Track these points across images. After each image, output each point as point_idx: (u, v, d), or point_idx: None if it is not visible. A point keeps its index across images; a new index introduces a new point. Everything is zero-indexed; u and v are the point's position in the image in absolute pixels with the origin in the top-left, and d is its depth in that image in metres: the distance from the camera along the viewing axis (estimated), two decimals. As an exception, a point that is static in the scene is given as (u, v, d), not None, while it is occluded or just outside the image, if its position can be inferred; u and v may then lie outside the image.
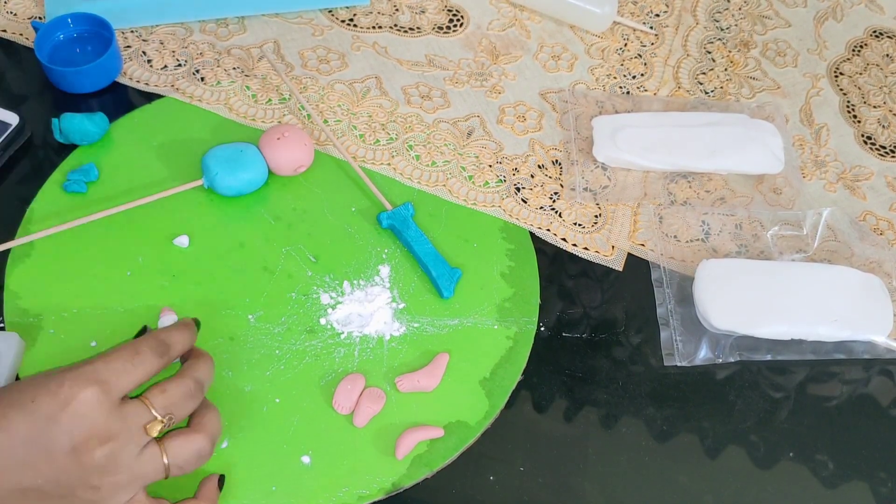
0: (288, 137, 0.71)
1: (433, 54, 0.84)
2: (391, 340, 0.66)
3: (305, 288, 0.68)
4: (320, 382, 0.64)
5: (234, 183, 0.70)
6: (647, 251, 0.74)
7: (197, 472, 0.55)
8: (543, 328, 0.69)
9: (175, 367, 0.57)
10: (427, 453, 0.62)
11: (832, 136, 0.83)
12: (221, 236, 0.70)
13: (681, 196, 0.76)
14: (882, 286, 0.70)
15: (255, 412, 0.62)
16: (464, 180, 0.76)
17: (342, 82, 0.81)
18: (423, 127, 0.79)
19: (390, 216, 0.71)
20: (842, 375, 0.69)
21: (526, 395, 0.66)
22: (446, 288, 0.68)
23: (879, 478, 0.65)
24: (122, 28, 0.82)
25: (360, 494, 0.60)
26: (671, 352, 0.68)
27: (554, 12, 0.86)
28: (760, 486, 0.63)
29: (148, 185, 0.72)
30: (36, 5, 0.83)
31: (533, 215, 0.74)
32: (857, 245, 0.74)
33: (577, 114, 0.81)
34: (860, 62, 0.89)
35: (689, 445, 0.65)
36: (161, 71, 0.79)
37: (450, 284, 0.68)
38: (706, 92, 0.84)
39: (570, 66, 0.85)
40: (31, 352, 0.63)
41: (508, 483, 0.62)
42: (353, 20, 0.85)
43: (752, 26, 0.90)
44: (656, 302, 0.71)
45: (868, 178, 0.80)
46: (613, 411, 0.66)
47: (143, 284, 0.67)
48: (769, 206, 0.76)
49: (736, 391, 0.67)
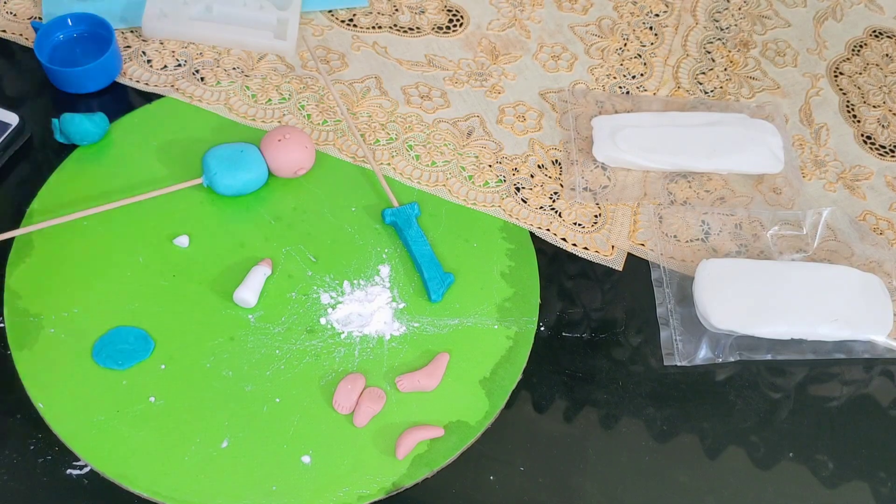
0: (289, 139, 0.71)
1: (433, 54, 0.84)
2: (391, 340, 0.66)
3: (305, 288, 0.68)
4: (320, 382, 0.64)
5: (233, 183, 0.70)
6: (646, 251, 0.74)
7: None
8: (543, 328, 0.69)
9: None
10: (427, 453, 0.62)
11: (832, 135, 0.83)
12: (221, 236, 0.70)
13: (681, 196, 0.76)
14: (882, 286, 0.70)
15: (256, 412, 0.62)
16: (464, 180, 0.76)
17: (342, 82, 0.81)
18: (422, 127, 0.79)
19: (395, 213, 0.71)
20: (842, 375, 0.69)
21: (526, 395, 0.66)
22: (435, 292, 0.68)
23: (879, 477, 0.65)
24: (121, 28, 0.82)
25: (360, 494, 0.60)
26: (671, 352, 0.68)
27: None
28: (760, 485, 0.63)
29: (148, 185, 0.72)
30: (36, 6, 0.83)
31: (533, 215, 0.74)
32: (857, 245, 0.74)
33: (577, 114, 0.81)
34: (860, 62, 0.89)
35: (689, 445, 0.65)
36: (161, 71, 0.79)
37: (439, 289, 0.68)
38: (706, 92, 0.84)
39: (569, 65, 0.85)
40: (31, 352, 0.63)
41: (508, 483, 0.62)
42: (352, 20, 0.85)
43: (751, 26, 0.90)
44: (656, 302, 0.71)
45: (868, 178, 0.80)
46: (613, 411, 0.66)
47: (143, 284, 0.67)
48: (769, 205, 0.76)
49: (736, 391, 0.67)
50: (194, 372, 0.63)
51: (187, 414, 0.62)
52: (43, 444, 0.60)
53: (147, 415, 0.61)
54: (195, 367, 0.64)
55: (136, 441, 0.60)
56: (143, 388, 0.62)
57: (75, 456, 0.60)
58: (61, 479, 0.59)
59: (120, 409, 0.61)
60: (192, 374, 0.63)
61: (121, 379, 0.63)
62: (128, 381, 0.62)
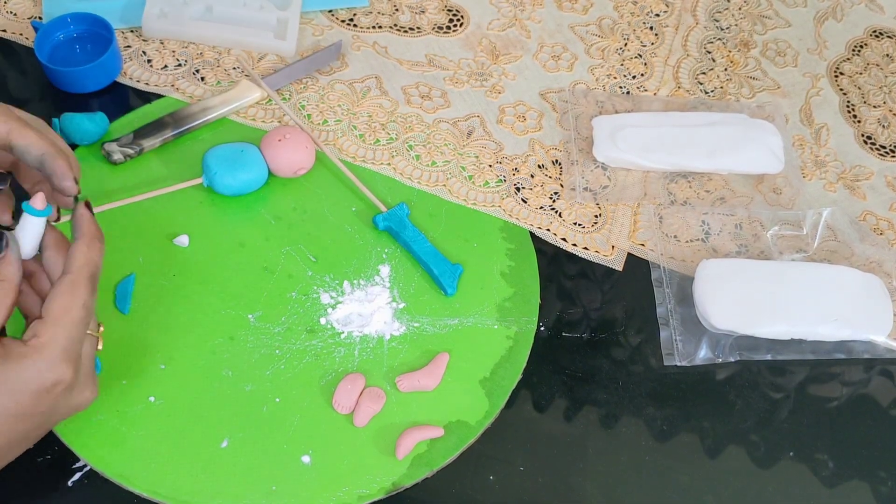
0: (289, 139, 0.71)
1: (433, 54, 0.84)
2: (391, 340, 0.66)
3: (305, 288, 0.68)
4: (320, 382, 0.64)
5: (233, 182, 0.70)
6: (647, 251, 0.74)
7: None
8: (543, 328, 0.69)
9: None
10: (427, 453, 0.62)
11: (832, 135, 0.83)
12: (221, 236, 0.70)
13: (681, 196, 0.76)
14: (882, 286, 0.70)
15: (255, 412, 0.62)
16: (464, 180, 0.76)
17: (342, 82, 0.81)
18: (423, 127, 0.79)
19: (386, 217, 0.71)
20: (842, 375, 0.69)
21: (526, 395, 0.66)
22: (450, 285, 0.68)
23: (879, 477, 0.65)
24: (121, 28, 0.82)
25: (360, 494, 0.60)
26: (671, 351, 0.68)
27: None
28: (761, 485, 0.63)
29: (148, 185, 0.72)
30: (36, 5, 0.83)
31: (533, 215, 0.74)
32: (857, 245, 0.74)
33: (577, 114, 0.81)
34: (860, 62, 0.89)
35: (689, 445, 0.65)
36: (161, 71, 0.79)
37: (453, 280, 0.68)
38: (706, 92, 0.84)
39: (570, 65, 0.85)
40: (32, 351, 0.63)
41: (508, 483, 0.62)
42: (353, 20, 0.85)
43: (752, 26, 0.90)
44: (656, 302, 0.71)
45: (868, 178, 0.80)
46: (613, 411, 0.66)
47: (142, 284, 0.67)
48: (769, 205, 0.76)
49: (736, 391, 0.67)
50: (194, 372, 0.63)
51: (187, 414, 0.62)
52: (42, 444, 0.60)
53: (147, 415, 0.61)
54: (195, 366, 0.64)
55: (136, 441, 0.60)
56: (142, 388, 0.62)
57: (75, 456, 0.60)
58: (61, 479, 0.59)
59: (120, 408, 0.61)
60: (192, 374, 0.63)
61: (120, 378, 0.63)
62: (127, 381, 0.62)
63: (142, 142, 0.73)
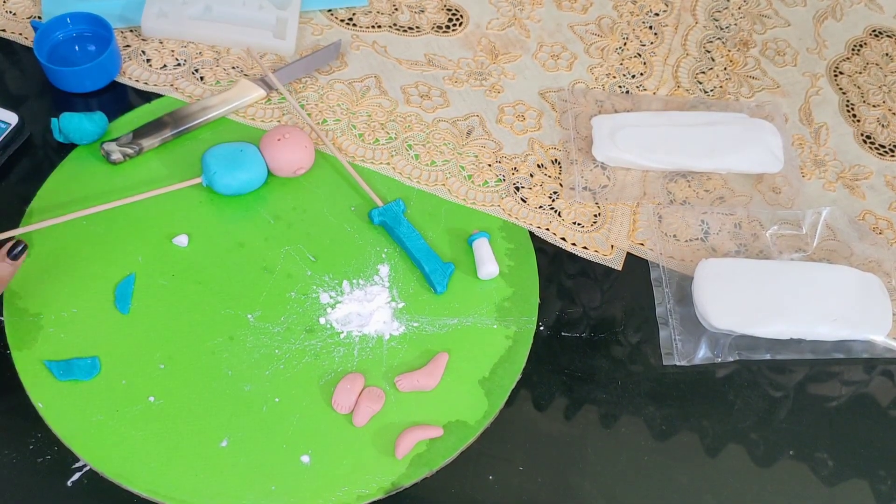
0: (289, 139, 0.71)
1: (432, 54, 0.84)
2: (390, 340, 0.66)
3: (305, 287, 0.68)
4: (320, 382, 0.64)
5: (232, 182, 0.70)
6: (646, 250, 0.74)
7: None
8: (543, 327, 0.69)
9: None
10: (426, 452, 0.62)
11: (831, 135, 0.83)
12: (221, 236, 0.70)
13: (680, 195, 0.76)
14: (881, 285, 0.70)
15: (255, 412, 0.62)
16: (463, 179, 0.76)
17: (341, 81, 0.81)
18: (422, 126, 0.79)
19: (382, 212, 0.71)
20: (841, 375, 0.69)
21: (525, 395, 0.66)
22: (440, 283, 0.68)
23: (878, 476, 0.65)
24: (121, 27, 0.82)
25: (359, 494, 0.60)
26: (670, 351, 0.68)
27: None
28: (760, 484, 0.63)
29: (147, 184, 0.72)
30: (35, 5, 0.83)
31: (532, 214, 0.74)
32: (857, 244, 0.74)
33: (577, 113, 0.81)
34: (860, 61, 0.89)
35: (688, 445, 0.65)
36: (160, 70, 0.79)
37: (443, 279, 0.68)
38: (705, 91, 0.84)
39: (569, 65, 0.85)
40: (31, 351, 0.63)
41: (508, 482, 0.62)
42: (352, 20, 0.85)
43: (751, 25, 0.90)
44: (655, 301, 0.71)
45: (867, 178, 0.80)
46: (613, 411, 0.66)
47: (142, 284, 0.67)
48: (768, 205, 0.76)
49: (735, 390, 0.67)
50: (194, 371, 0.63)
51: (187, 413, 0.62)
52: (42, 444, 0.60)
53: (146, 414, 0.61)
54: (194, 366, 0.64)
55: (136, 441, 0.60)
56: (142, 388, 0.62)
57: (75, 455, 0.60)
58: (60, 479, 0.59)
59: (119, 408, 0.61)
60: (192, 374, 0.63)
61: (120, 378, 0.63)
62: (127, 381, 0.63)
63: (141, 141, 0.73)
